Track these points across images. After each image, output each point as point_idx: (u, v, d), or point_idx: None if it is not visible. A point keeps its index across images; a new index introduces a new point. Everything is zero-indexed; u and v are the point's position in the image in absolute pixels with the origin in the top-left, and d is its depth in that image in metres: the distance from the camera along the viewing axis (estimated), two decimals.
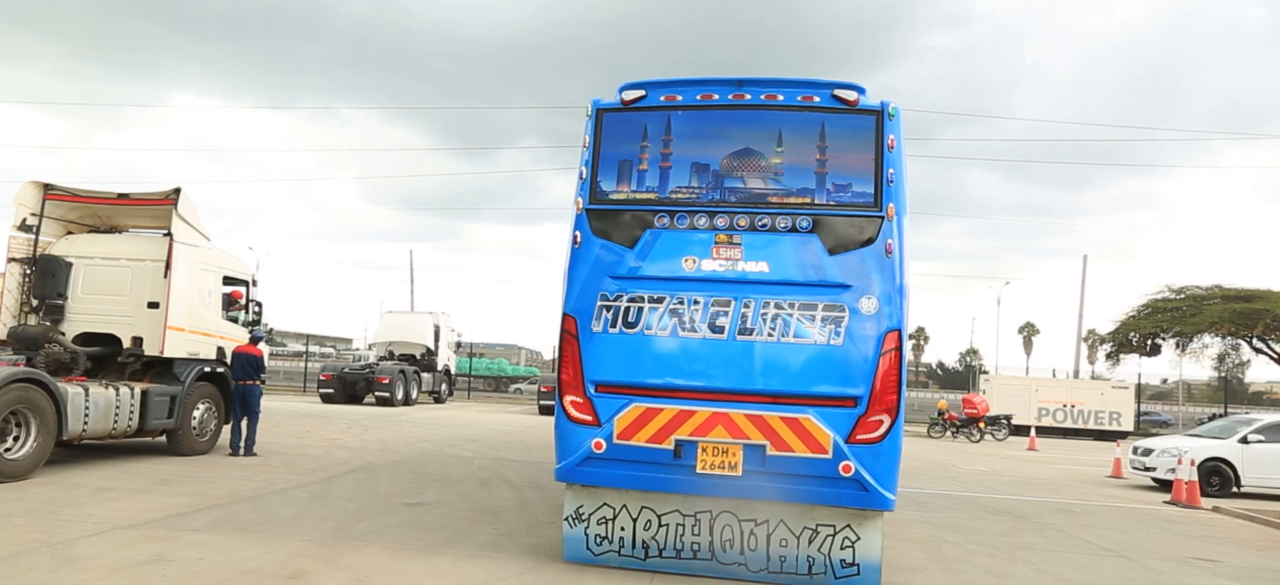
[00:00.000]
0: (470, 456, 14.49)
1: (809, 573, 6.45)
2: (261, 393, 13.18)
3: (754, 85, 6.78)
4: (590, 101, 6.97)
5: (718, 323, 6.48)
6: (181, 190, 12.18)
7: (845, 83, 6.67)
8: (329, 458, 13.26)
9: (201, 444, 12.70)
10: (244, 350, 13.06)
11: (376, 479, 11.30)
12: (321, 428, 18.42)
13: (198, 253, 12.63)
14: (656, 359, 6.54)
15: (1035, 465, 20.06)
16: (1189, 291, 38.69)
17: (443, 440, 17.21)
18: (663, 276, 6.59)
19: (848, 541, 6.41)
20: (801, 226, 6.53)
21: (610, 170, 6.83)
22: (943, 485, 14.57)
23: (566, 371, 6.66)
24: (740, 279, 6.52)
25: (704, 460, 6.37)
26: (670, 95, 6.84)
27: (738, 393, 6.40)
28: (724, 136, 6.77)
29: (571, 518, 6.82)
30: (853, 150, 6.59)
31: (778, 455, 6.26)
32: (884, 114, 6.59)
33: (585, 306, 6.65)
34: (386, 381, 28.34)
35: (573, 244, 6.74)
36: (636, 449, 6.43)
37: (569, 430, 6.59)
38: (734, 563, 6.57)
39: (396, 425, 20.26)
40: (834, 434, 6.21)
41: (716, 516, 6.60)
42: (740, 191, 6.68)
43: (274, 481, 10.58)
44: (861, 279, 6.39)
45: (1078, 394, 33.93)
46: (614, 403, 6.51)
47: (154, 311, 11.96)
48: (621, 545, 6.71)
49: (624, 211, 6.75)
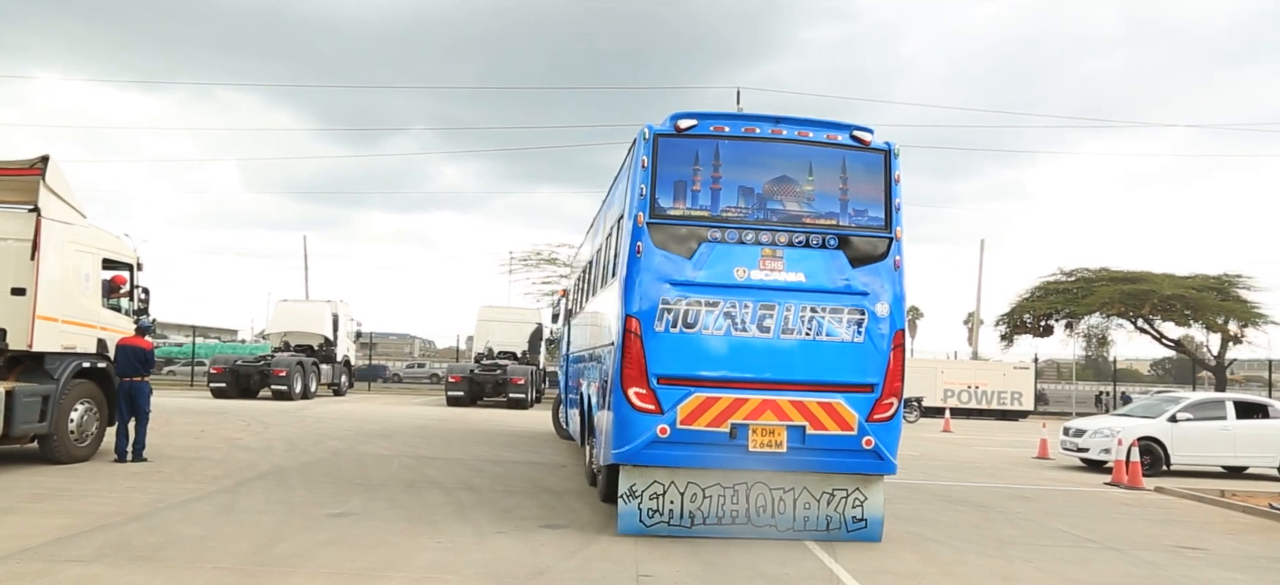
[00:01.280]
0: (388, 455, 13.35)
1: (826, 528, 7.93)
2: (151, 390, 11.70)
3: (789, 123, 7.99)
4: (645, 127, 7.84)
5: (765, 323, 7.63)
6: (50, 158, 10.62)
7: (861, 125, 8.03)
8: (231, 461, 11.91)
9: (81, 450, 11.17)
10: (130, 342, 11.56)
11: (289, 485, 10.11)
12: (217, 426, 16.83)
13: (72, 231, 11.07)
14: (714, 355, 7.61)
15: (958, 447, 20.22)
16: (1078, 274, 40.43)
17: (353, 437, 15.94)
18: (718, 284, 7.63)
19: (857, 501, 7.97)
20: (830, 243, 7.79)
21: (667, 189, 7.74)
22: None
23: (630, 367, 7.54)
24: (783, 286, 7.68)
25: (755, 440, 7.55)
26: (718, 126, 7.87)
27: (782, 382, 7.61)
28: (765, 165, 7.88)
29: (625, 495, 7.79)
30: (867, 181, 7.92)
31: (815, 433, 7.60)
32: (891, 153, 7.99)
33: (648, 309, 7.58)
34: (283, 374, 26.54)
35: (635, 253, 7.62)
36: (697, 432, 7.52)
37: (634, 418, 7.51)
38: (766, 525, 7.87)
39: (299, 421, 18.79)
40: (857, 415, 7.62)
41: (751, 487, 7.84)
42: (780, 212, 7.83)
43: (170, 492, 9.28)
44: (876, 288, 7.76)
45: (981, 375, 34.86)
46: (675, 393, 7.52)
47: (20, 299, 10.39)
48: (670, 516, 7.82)
49: (681, 226, 7.71)
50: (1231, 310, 36.78)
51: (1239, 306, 36.86)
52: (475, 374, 28.10)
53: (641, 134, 7.85)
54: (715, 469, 7.72)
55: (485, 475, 11.67)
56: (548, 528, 8.21)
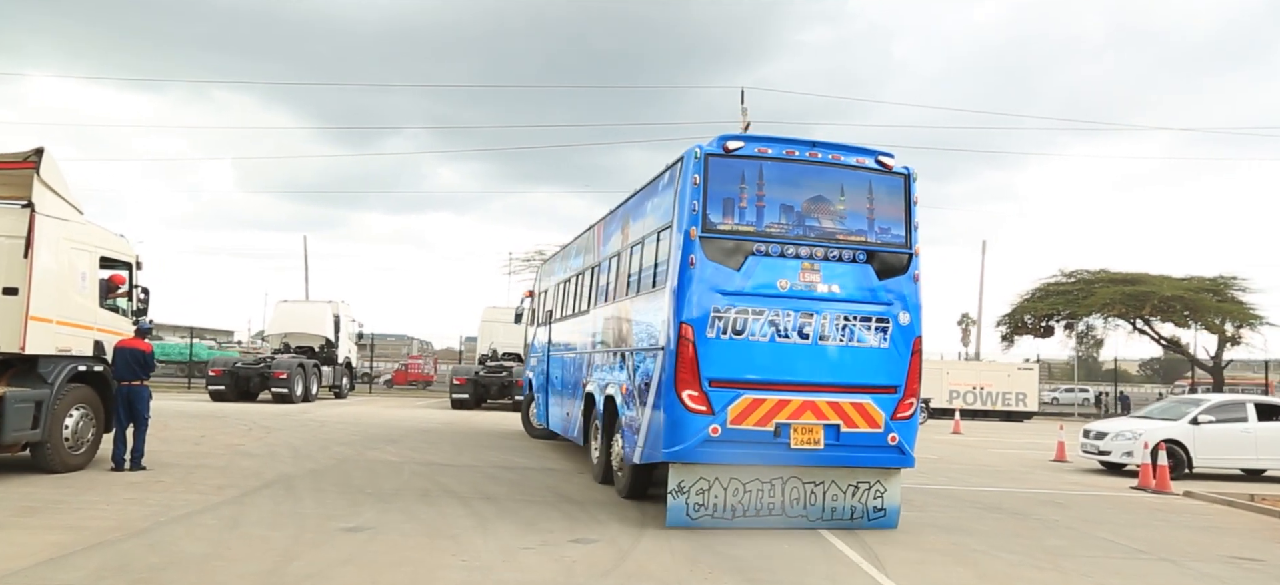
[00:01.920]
0: (398, 462, 12.83)
1: (851, 518, 8.63)
2: (150, 395, 11.17)
3: (823, 147, 8.63)
4: (696, 147, 8.32)
5: (804, 331, 8.26)
6: (45, 151, 10.07)
7: (884, 151, 8.67)
8: (234, 469, 11.39)
9: (77, 458, 10.63)
10: (129, 345, 11.02)
11: (298, 496, 9.59)
12: (218, 431, 16.28)
13: (68, 228, 10.53)
14: (759, 359, 8.17)
15: (972, 450, 19.75)
16: (1078, 275, 40.08)
17: (359, 442, 15.41)
18: (763, 294, 8.20)
19: (878, 493, 8.70)
20: (860, 258, 8.46)
21: (717, 205, 8.24)
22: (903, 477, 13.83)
23: (684, 371, 8.02)
24: (820, 297, 8.31)
25: (796, 438, 8.15)
26: (762, 148, 8.45)
27: (820, 385, 8.25)
28: (802, 185, 8.49)
29: (674, 491, 8.28)
30: (890, 201, 8.60)
31: (848, 431, 8.26)
32: (909, 177, 8.72)
33: (701, 317, 8.08)
34: (284, 376, 25.95)
35: (688, 265, 8.08)
36: (745, 432, 8.07)
37: (687, 419, 8.01)
38: (798, 515, 8.50)
39: (302, 426, 18.25)
40: (884, 414, 8.34)
41: (786, 481, 8.45)
42: (816, 228, 8.45)
43: (172, 504, 8.76)
44: (899, 299, 8.49)
45: (986, 376, 34.42)
46: (726, 395, 8.07)
47: (12, 299, 9.84)
48: (715, 510, 8.35)
49: (730, 240, 8.23)
50: (1228, 311, 36.62)
51: (1236, 308, 36.72)
52: (480, 376, 27.55)
53: (692, 153, 8.31)
54: (756, 466, 8.30)
55: (501, 483, 11.16)
56: (577, 542, 7.70)
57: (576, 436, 12.50)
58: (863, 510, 8.65)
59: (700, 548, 7.59)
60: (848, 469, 8.51)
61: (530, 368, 17.71)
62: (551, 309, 15.58)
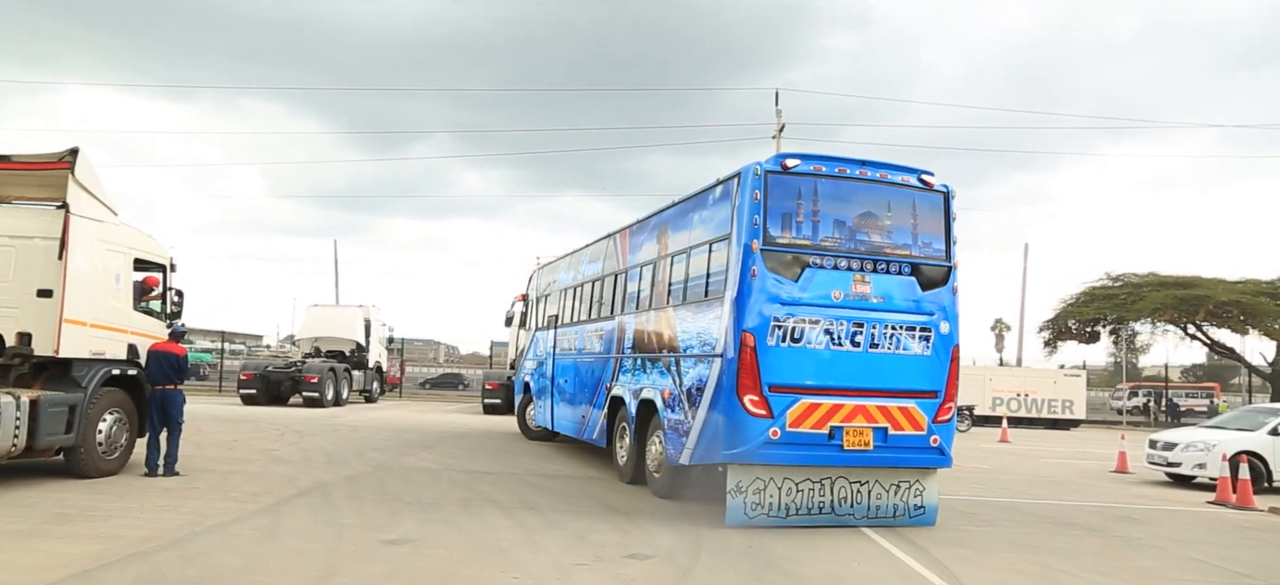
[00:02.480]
0: (435, 470, 12.46)
1: (894, 515, 9.14)
2: (184, 399, 10.89)
3: (872, 166, 9.06)
4: (756, 164, 8.70)
5: (856, 339, 8.70)
6: (79, 151, 9.83)
7: (926, 170, 9.15)
8: (269, 476, 11.07)
9: (110, 463, 10.36)
10: (162, 348, 10.76)
11: (335, 505, 9.23)
12: (250, 435, 16.04)
13: (102, 229, 10.28)
14: (815, 366, 8.60)
15: (1025, 460, 19.05)
16: (1125, 279, 38.96)
17: (394, 448, 15.08)
18: (819, 304, 8.63)
19: (918, 491, 9.22)
20: (905, 270, 8.92)
21: (775, 220, 8.64)
22: (961, 487, 13.25)
23: (746, 377, 8.39)
24: (870, 307, 8.77)
25: (848, 440, 8.59)
26: (817, 166, 8.86)
27: (871, 390, 8.71)
28: (852, 201, 8.92)
29: (732, 490, 8.63)
30: (931, 218, 9.10)
31: (896, 434, 8.76)
32: (949, 195, 9.22)
33: (761, 325, 8.45)
34: (315, 381, 25.76)
35: (749, 276, 8.45)
36: (803, 434, 8.50)
37: (749, 422, 8.40)
38: (846, 513, 8.96)
39: (335, 430, 17.97)
40: (927, 417, 8.85)
41: (835, 481, 8.89)
42: (866, 242, 8.88)
43: (207, 512, 8.43)
44: (940, 309, 8.98)
45: (1031, 382, 33.52)
46: (784, 400, 8.48)
47: (46, 301, 9.60)
48: (769, 508, 8.73)
49: (788, 252, 8.65)
50: None
51: None
52: (511, 381, 27.19)
53: (752, 170, 8.66)
54: (808, 466, 8.72)
55: (544, 492, 10.76)
56: (632, 557, 7.27)
57: (597, 438, 12.77)
58: (904, 508, 9.18)
59: (764, 565, 7.13)
60: (892, 469, 9.02)
61: (526, 371, 17.85)
62: (556, 314, 15.73)
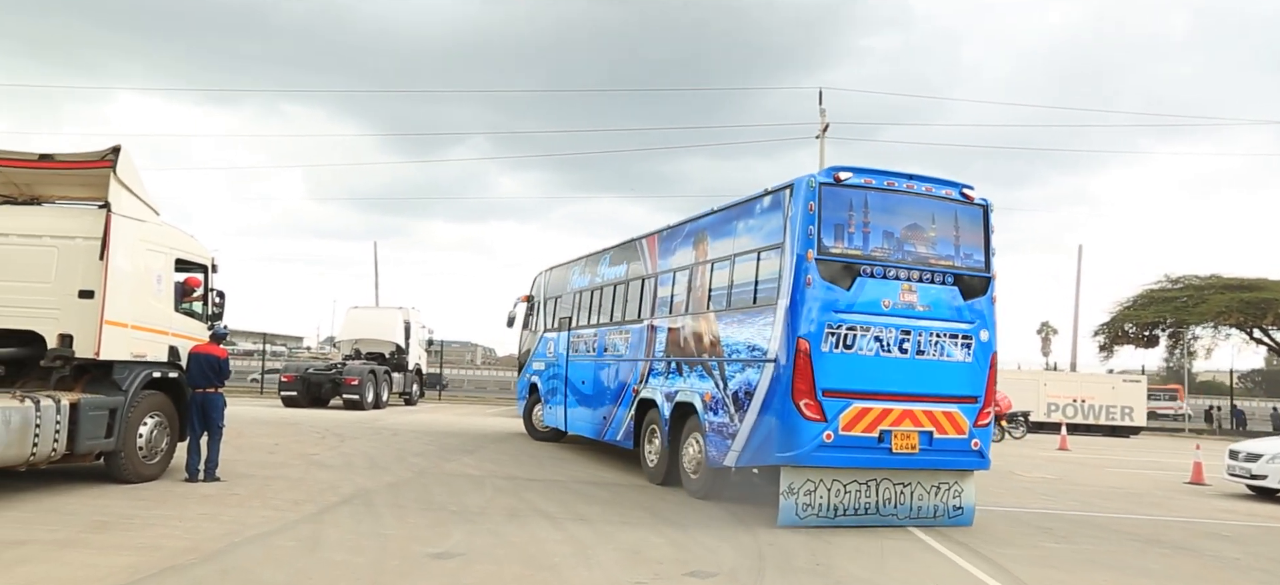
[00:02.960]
0: (478, 476, 12.10)
1: (934, 516, 9.44)
2: (225, 403, 10.64)
3: (917, 179, 9.36)
4: (810, 176, 9.00)
5: (904, 346, 9.01)
6: (121, 149, 9.61)
7: (967, 184, 9.49)
8: (310, 481, 10.78)
9: (150, 468, 10.13)
10: (203, 350, 10.52)
11: (378, 514, 8.89)
12: (291, 438, 15.84)
13: (143, 229, 10.06)
14: (866, 372, 8.87)
15: (1090, 470, 18.24)
16: (1187, 281, 37.63)
17: (435, 452, 14.76)
18: (869, 312, 8.92)
19: (956, 493, 9.53)
20: (948, 280, 9.24)
21: (829, 230, 8.89)
22: (1026, 500, 12.60)
23: (801, 381, 8.67)
24: (917, 315, 9.08)
25: (896, 443, 8.93)
26: (867, 179, 9.11)
27: (917, 395, 9.03)
28: (900, 213, 9.20)
29: (785, 492, 8.89)
30: (971, 230, 9.44)
31: (940, 437, 9.10)
32: (988, 208, 9.55)
33: (816, 332, 8.74)
34: (355, 383, 25.64)
35: (805, 284, 8.71)
36: (854, 438, 8.79)
37: (803, 426, 8.68)
38: (889, 514, 9.25)
39: (376, 434, 17.73)
40: (968, 421, 9.20)
41: (879, 482, 9.19)
42: (912, 253, 9.19)
43: (247, 521, 8.13)
44: (980, 318, 9.32)
45: (1088, 388, 32.40)
46: (837, 404, 8.76)
47: (87, 302, 9.39)
48: (820, 509, 8.99)
49: (841, 262, 8.90)
50: None
51: None
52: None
53: (806, 182, 8.95)
54: (856, 468, 9.01)
55: (592, 500, 10.34)
56: (693, 576, 6.81)
57: (621, 439, 13.05)
58: (944, 509, 9.51)
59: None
60: (933, 471, 9.36)
61: (532, 372, 18.08)
62: (569, 316, 15.97)
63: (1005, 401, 26.00)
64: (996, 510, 11.44)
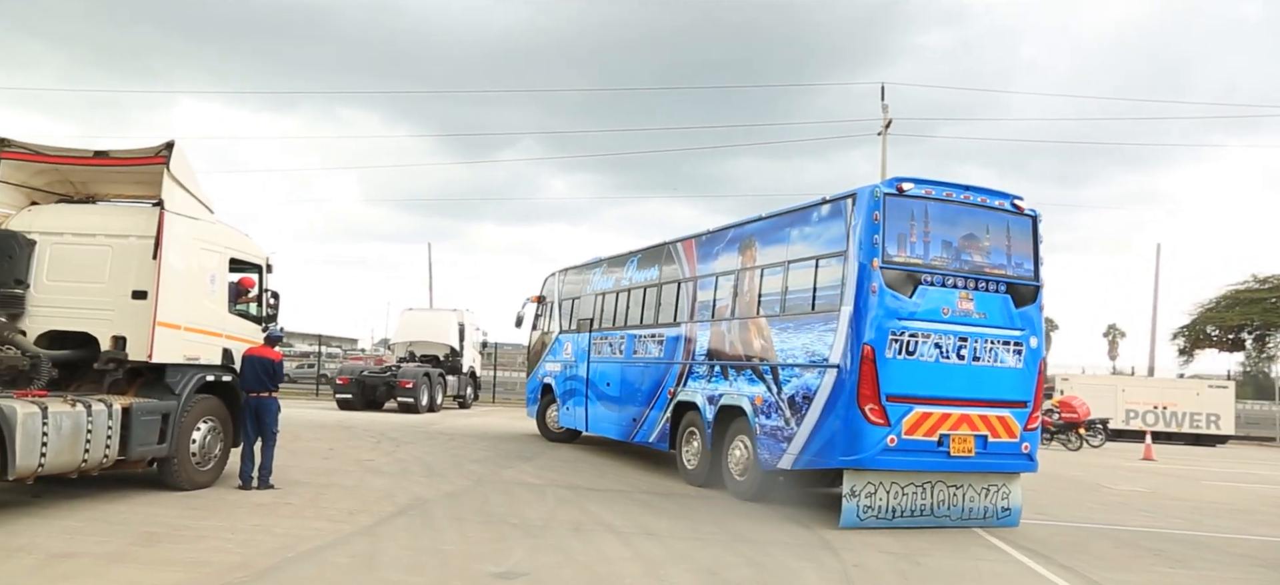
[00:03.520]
0: (538, 485, 11.61)
1: (984, 517, 9.65)
2: (279, 407, 10.30)
3: (973, 190, 9.53)
4: (875, 186, 9.16)
5: (961, 352, 9.16)
6: (175, 144, 9.31)
7: (1017, 195, 9.70)
8: (365, 490, 10.39)
9: (204, 475, 9.82)
10: (257, 353, 10.20)
11: (436, 526, 8.42)
12: (346, 443, 15.55)
13: (197, 228, 9.75)
14: (927, 377, 9.02)
15: (1186, 482, 17.06)
16: (1275, 281, 35.68)
17: (493, 459, 14.32)
18: (930, 319, 9.06)
19: (1005, 495, 9.75)
20: (1001, 289, 9.40)
21: (892, 239, 9.04)
22: (1123, 516, 11.68)
23: (866, 387, 8.79)
24: (973, 322, 9.23)
25: (955, 447, 9.12)
26: (927, 189, 9.31)
27: (973, 400, 9.20)
28: (957, 223, 9.42)
29: (848, 494, 9.06)
30: (1022, 240, 9.64)
31: (994, 441, 9.30)
32: (1037, 218, 9.76)
33: (881, 338, 8.85)
34: (410, 386, 25.40)
35: (869, 292, 8.84)
36: (916, 441, 8.97)
37: (868, 430, 8.83)
38: (944, 515, 9.47)
39: (431, 438, 17.39)
40: (1019, 425, 9.40)
41: (934, 484, 9.40)
42: (969, 262, 9.38)
43: (301, 533, 7.72)
44: (1030, 325, 9.50)
45: (1170, 394, 30.75)
46: (899, 409, 8.90)
47: (140, 303, 9.10)
48: (879, 511, 9.16)
49: (903, 270, 9.04)
50: None
51: None
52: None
53: (871, 191, 9.10)
54: (916, 471, 9.25)
55: (660, 513, 9.76)
56: None
57: (655, 441, 13.16)
58: (993, 510, 9.76)
59: None
60: (984, 474, 9.58)
61: (546, 373, 18.06)
62: (590, 317, 16.00)
63: (1083, 408, 24.79)
64: (1094, 528, 10.59)
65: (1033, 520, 10.92)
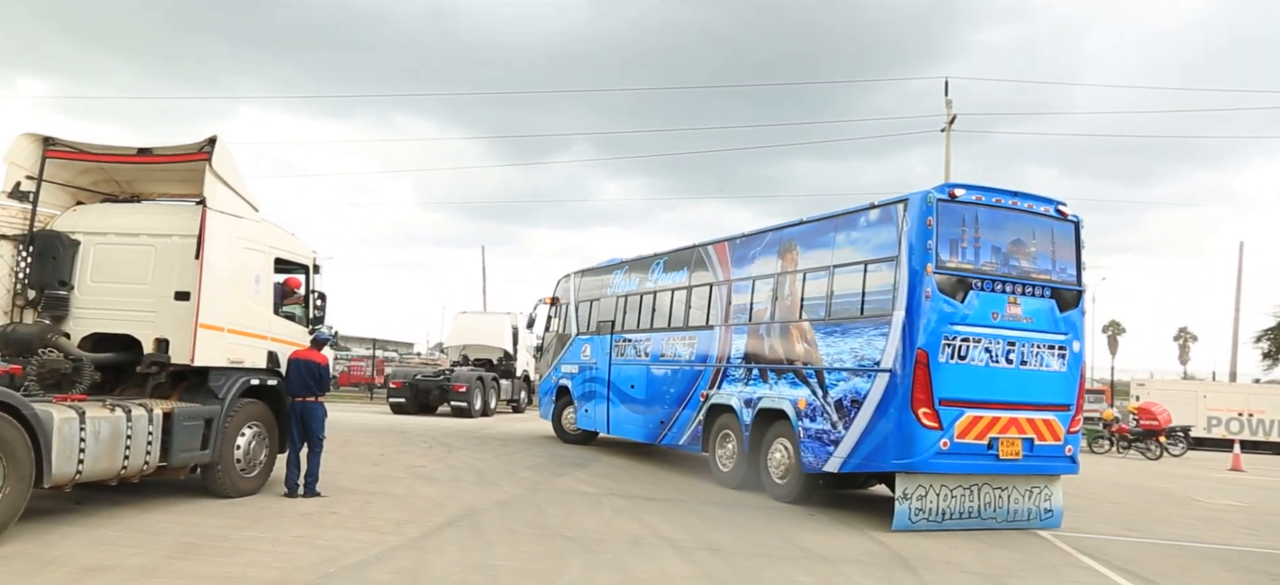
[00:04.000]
0: (594, 494, 11.08)
1: (1027, 518, 9.89)
2: (325, 413, 9.94)
3: (1020, 197, 9.69)
4: (929, 192, 9.12)
5: (1010, 356, 9.34)
6: (217, 139, 9.01)
7: (1061, 201, 9.88)
8: (414, 498, 9.96)
9: (249, 482, 9.49)
10: (303, 356, 9.85)
11: (487, 540, 7.94)
12: (397, 449, 15.22)
13: (241, 226, 9.43)
14: (978, 381, 9.16)
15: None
16: None
17: (546, 465, 13.85)
18: (980, 324, 9.18)
19: (1046, 496, 10.00)
20: (1046, 294, 9.62)
21: (945, 245, 9.09)
22: (1226, 534, 10.74)
23: (920, 391, 8.85)
24: (1021, 327, 9.40)
25: (1003, 450, 9.31)
26: (978, 196, 9.41)
27: (1020, 404, 9.40)
28: (1005, 229, 9.53)
29: (900, 498, 9.11)
30: (1065, 245, 9.86)
31: (1040, 444, 9.53)
32: (1079, 224, 9.97)
33: (934, 343, 8.92)
34: (464, 390, 25.14)
35: (923, 297, 8.88)
36: (967, 445, 9.11)
37: (922, 434, 8.90)
38: (989, 517, 9.63)
39: (483, 444, 17.00)
40: (1063, 428, 9.66)
41: (980, 487, 9.56)
42: (1016, 267, 9.52)
43: (345, 546, 7.29)
44: (1073, 330, 9.78)
45: (1257, 400, 29.06)
46: (952, 414, 9.02)
47: (183, 304, 8.80)
48: (929, 514, 9.27)
49: (955, 276, 9.11)
50: None
51: None
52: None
53: (924, 197, 9.14)
54: (965, 474, 9.38)
55: (722, 526, 9.16)
56: None
57: (685, 444, 13.18)
58: (1036, 512, 9.94)
59: None
60: (1025, 476, 9.74)
61: (561, 375, 18.03)
62: (611, 320, 15.93)
63: (1163, 415, 23.48)
64: (1194, 547, 9.73)
65: (1124, 536, 10.12)
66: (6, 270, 9.09)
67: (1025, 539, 9.38)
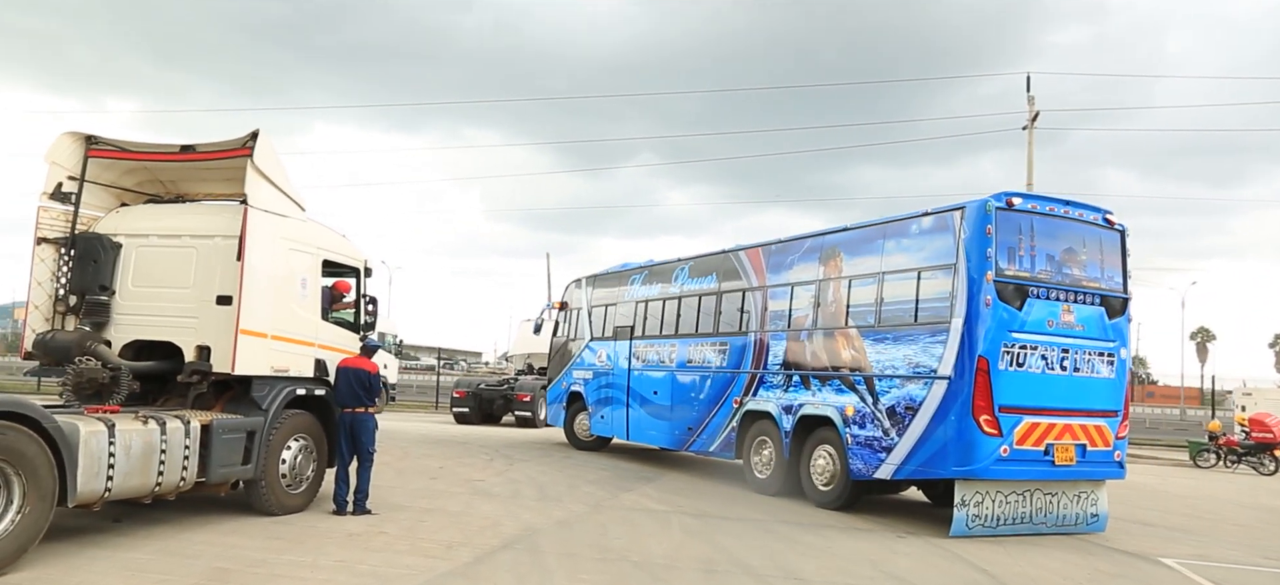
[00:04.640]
0: (661, 512, 10.24)
1: (1075, 523, 10.04)
2: (376, 425, 9.30)
3: (1072, 206, 9.89)
4: (988, 200, 9.28)
5: (1064, 363, 9.54)
6: (259, 134, 8.47)
7: (1108, 209, 10.11)
8: (470, 517, 9.26)
9: (294, 499, 8.91)
10: (353, 365, 9.23)
11: (545, 565, 7.16)
12: (457, 461, 14.60)
13: (286, 226, 8.88)
14: (1035, 388, 9.33)
15: None
16: None
17: (610, 479, 13.05)
18: (1037, 332, 9.39)
19: (1093, 501, 10.17)
20: (1096, 302, 9.83)
21: (1003, 253, 9.28)
22: None
23: (980, 398, 9.03)
24: (1074, 334, 9.60)
25: (1058, 456, 9.45)
26: (1033, 204, 9.71)
27: (1074, 410, 9.57)
28: (1057, 237, 9.75)
29: (959, 504, 9.33)
30: (1112, 253, 10.08)
31: (1092, 450, 9.70)
32: (1125, 232, 10.17)
33: (994, 350, 9.12)
34: (527, 399, 24.52)
35: (983, 305, 9.05)
36: (1026, 451, 9.28)
37: (982, 440, 9.05)
38: (1040, 522, 9.79)
39: (546, 455, 16.28)
40: (1112, 434, 9.84)
41: (1032, 493, 9.70)
42: (1069, 275, 9.75)
43: (388, 573, 6.61)
44: (1119, 337, 9.98)
45: None
46: (1012, 420, 9.19)
47: (225, 309, 8.26)
48: (986, 520, 9.47)
49: (1013, 284, 9.29)
50: None
51: None
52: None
53: (983, 205, 9.18)
54: (1022, 480, 9.42)
55: (806, 551, 8.23)
56: None
57: (717, 450, 13.08)
58: (1083, 516, 10.02)
59: None
60: (1073, 481, 9.76)
61: (574, 380, 17.66)
62: (629, 325, 15.79)
63: (1279, 427, 21.50)
64: None
65: (1263, 566, 8.88)
66: (48, 275, 8.70)
67: (1152, 569, 8.24)
